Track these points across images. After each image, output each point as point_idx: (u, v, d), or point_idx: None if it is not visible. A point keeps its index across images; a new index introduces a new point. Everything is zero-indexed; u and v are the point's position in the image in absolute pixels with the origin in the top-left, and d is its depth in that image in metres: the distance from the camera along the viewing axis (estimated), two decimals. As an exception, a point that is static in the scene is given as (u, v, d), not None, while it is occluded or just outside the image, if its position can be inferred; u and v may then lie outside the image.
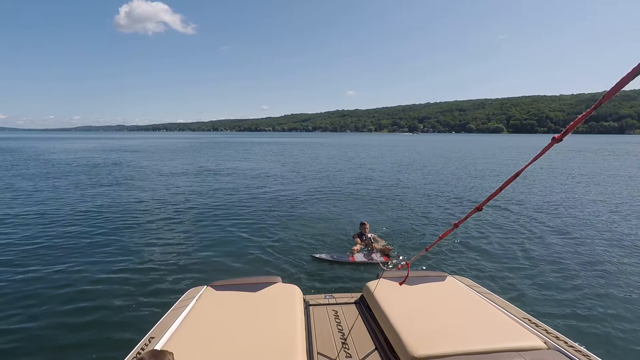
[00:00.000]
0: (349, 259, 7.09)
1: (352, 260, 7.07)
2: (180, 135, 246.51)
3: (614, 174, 23.88)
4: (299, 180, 19.94)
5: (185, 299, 2.81)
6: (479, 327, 2.33)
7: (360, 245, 7.62)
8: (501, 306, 2.67)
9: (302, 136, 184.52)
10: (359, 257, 7.18)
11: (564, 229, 10.09)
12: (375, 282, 3.04)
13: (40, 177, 20.21)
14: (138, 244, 8.30)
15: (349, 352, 2.36)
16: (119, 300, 5.56)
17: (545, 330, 2.33)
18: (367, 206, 13.12)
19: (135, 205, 12.40)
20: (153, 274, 6.57)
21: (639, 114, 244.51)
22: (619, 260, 7.69)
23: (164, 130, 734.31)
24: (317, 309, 3.00)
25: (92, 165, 27.59)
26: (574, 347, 2.14)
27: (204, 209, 12.07)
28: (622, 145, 74.29)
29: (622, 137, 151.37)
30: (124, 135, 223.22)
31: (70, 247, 8.03)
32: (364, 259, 7.14)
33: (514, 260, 7.58)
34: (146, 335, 2.28)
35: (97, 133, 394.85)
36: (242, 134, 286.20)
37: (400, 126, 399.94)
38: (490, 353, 2.04)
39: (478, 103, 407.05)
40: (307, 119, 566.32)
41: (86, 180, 18.85)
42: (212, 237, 8.89)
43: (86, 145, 65.16)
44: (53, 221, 10.17)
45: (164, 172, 23.28)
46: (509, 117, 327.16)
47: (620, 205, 13.52)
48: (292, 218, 10.92)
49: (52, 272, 6.63)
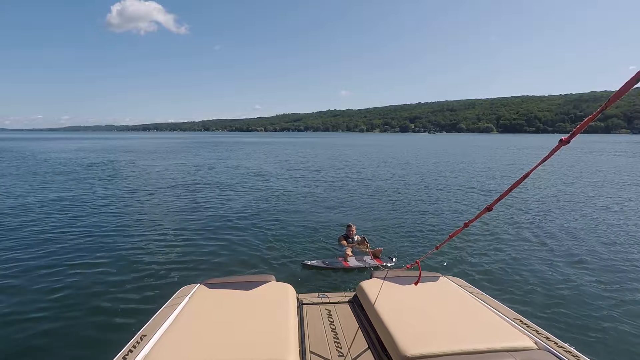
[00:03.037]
0: (343, 264, 6.95)
1: (347, 265, 6.95)
2: (169, 135, 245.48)
3: (605, 174, 23.99)
4: (290, 180, 19.83)
5: (177, 297, 2.79)
6: (470, 327, 2.33)
7: (349, 247, 7.56)
8: (493, 307, 2.68)
9: (294, 136, 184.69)
10: (353, 262, 7.07)
11: (554, 230, 10.04)
12: (369, 282, 3.05)
13: (28, 176, 19.79)
14: (130, 242, 8.15)
15: (341, 351, 2.35)
16: (110, 298, 5.51)
17: (536, 331, 2.34)
18: (361, 207, 12.96)
19: (126, 205, 12.29)
20: (145, 272, 6.51)
21: (624, 115, 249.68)
22: (610, 261, 7.69)
23: (155, 130, 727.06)
24: (311, 308, 2.99)
25: (81, 165, 26.90)
26: (563, 348, 2.15)
27: (195, 208, 12.03)
28: (611, 145, 75.48)
29: (609, 137, 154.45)
30: (114, 135, 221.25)
31: (60, 245, 7.91)
32: (358, 264, 7.01)
33: (506, 261, 7.60)
34: (137, 333, 2.26)
35: (85, 133, 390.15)
36: (232, 134, 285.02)
37: (391, 126, 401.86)
38: (481, 353, 2.05)
39: (468, 103, 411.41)
40: (299, 118, 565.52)
41: (76, 180, 18.48)
42: (204, 236, 8.85)
43: (73, 145, 63.83)
44: (42, 220, 10.13)
45: (154, 173, 22.97)
46: (498, 117, 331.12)
47: (611, 205, 13.46)
48: (284, 217, 10.99)
49: (42, 270, 6.54)
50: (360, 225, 9.93)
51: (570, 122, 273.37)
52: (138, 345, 2.08)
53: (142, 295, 5.61)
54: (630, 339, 4.79)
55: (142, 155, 38.44)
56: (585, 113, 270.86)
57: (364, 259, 7.20)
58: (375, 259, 7.18)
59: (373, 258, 7.22)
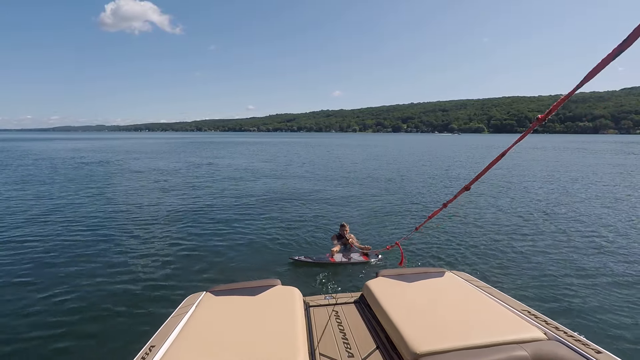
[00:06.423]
0: (329, 260, 7.15)
1: (332, 261, 7.15)
2: (160, 135, 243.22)
3: (600, 169, 24.35)
4: (287, 181, 19.78)
5: (184, 306, 2.78)
6: (479, 321, 2.33)
7: (339, 246, 7.71)
8: (500, 299, 2.68)
9: (287, 136, 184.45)
10: (339, 258, 7.28)
11: (558, 221, 10.31)
12: (375, 281, 3.04)
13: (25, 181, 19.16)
14: (134, 252, 7.98)
15: (350, 352, 2.35)
16: (118, 309, 5.46)
17: (545, 322, 2.35)
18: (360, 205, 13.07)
19: (128, 214, 11.86)
20: (151, 281, 6.45)
21: (612, 115, 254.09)
22: (615, 249, 7.87)
23: (146, 130, 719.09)
24: (318, 310, 2.97)
25: (77, 168, 26.38)
26: (573, 337, 2.16)
27: (194, 213, 11.77)
28: (599, 144, 76.76)
29: (597, 137, 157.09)
30: (104, 135, 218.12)
31: (66, 256, 7.70)
32: (343, 259, 7.25)
33: (511, 253, 7.74)
34: (147, 344, 2.26)
35: (75, 133, 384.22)
36: (225, 134, 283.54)
37: (384, 126, 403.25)
38: (491, 346, 2.05)
39: (460, 103, 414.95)
40: (291, 119, 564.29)
41: (72, 185, 17.85)
42: (207, 243, 8.73)
43: (69, 145, 62.77)
44: (45, 229, 9.73)
45: (151, 178, 22.58)
46: (489, 118, 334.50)
47: (615, 196, 13.83)
48: (284, 219, 10.99)
49: (49, 280, 6.42)
50: (356, 222, 10.13)
51: (560, 122, 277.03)
52: (148, 356, 2.08)
53: (149, 305, 5.57)
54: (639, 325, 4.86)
55: (130, 157, 37.92)
56: (574, 113, 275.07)
57: (350, 255, 7.40)
58: (362, 256, 7.38)
59: (361, 255, 7.43)
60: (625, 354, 4.26)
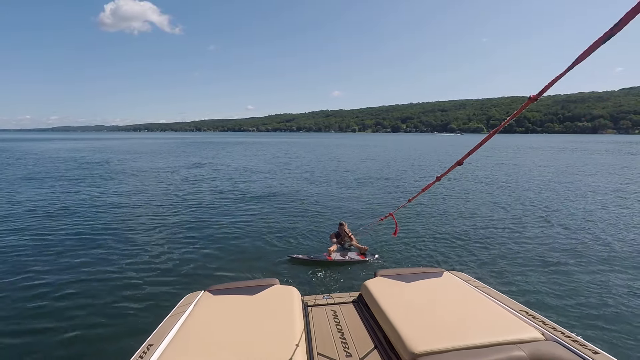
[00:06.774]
0: (327, 259, 7.18)
1: (330, 259, 7.17)
2: (158, 135, 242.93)
3: (600, 169, 24.39)
4: (285, 181, 19.76)
5: (182, 305, 2.78)
6: (477, 321, 2.33)
7: (337, 244, 7.75)
8: (498, 299, 2.69)
9: (286, 136, 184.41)
10: (336, 257, 7.31)
11: (555, 221, 10.39)
12: (373, 281, 3.04)
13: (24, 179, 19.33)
14: (132, 251, 7.95)
15: (349, 352, 2.34)
16: (115, 308, 5.46)
17: (543, 322, 2.35)
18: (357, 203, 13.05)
19: (128, 212, 11.88)
20: (149, 280, 6.45)
21: (610, 115, 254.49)
22: (612, 250, 7.91)
23: (145, 130, 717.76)
24: (316, 310, 2.97)
25: (76, 168, 26.39)
26: (570, 337, 2.16)
27: (192, 213, 11.74)
28: (598, 144, 76.86)
29: (596, 137, 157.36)
30: (103, 135, 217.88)
31: (63, 254, 7.68)
32: (340, 258, 7.28)
33: (509, 254, 7.76)
34: (144, 343, 2.25)
35: (74, 133, 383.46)
36: (224, 134, 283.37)
37: (383, 126, 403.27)
38: (489, 346, 2.05)
39: (459, 104, 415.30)
40: (291, 119, 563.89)
41: (72, 185, 17.82)
42: (206, 242, 8.71)
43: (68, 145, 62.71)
44: (45, 229, 9.68)
45: (150, 178, 22.57)
46: (488, 117, 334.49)
47: (615, 197, 13.88)
48: (283, 219, 10.96)
49: (46, 280, 6.39)
50: (354, 221, 10.12)
51: (558, 122, 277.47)
52: (145, 355, 2.08)
53: (147, 305, 5.55)
54: (637, 326, 4.89)
55: (129, 157, 37.94)
56: (573, 113, 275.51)
57: (347, 255, 7.44)
58: (360, 255, 7.42)
59: (358, 254, 7.47)
60: (622, 354, 4.27)
